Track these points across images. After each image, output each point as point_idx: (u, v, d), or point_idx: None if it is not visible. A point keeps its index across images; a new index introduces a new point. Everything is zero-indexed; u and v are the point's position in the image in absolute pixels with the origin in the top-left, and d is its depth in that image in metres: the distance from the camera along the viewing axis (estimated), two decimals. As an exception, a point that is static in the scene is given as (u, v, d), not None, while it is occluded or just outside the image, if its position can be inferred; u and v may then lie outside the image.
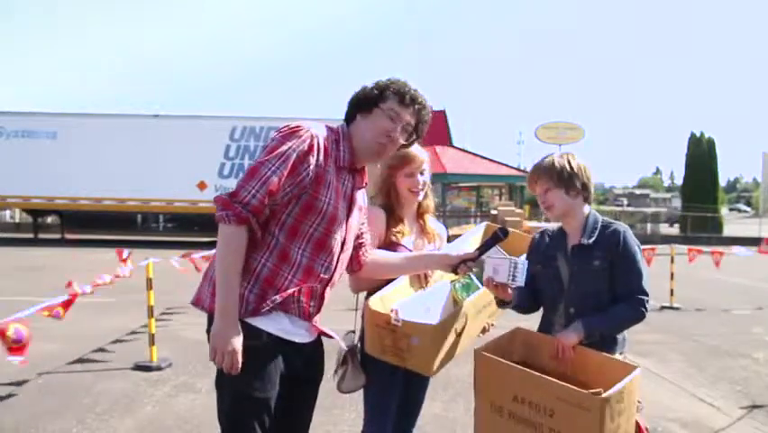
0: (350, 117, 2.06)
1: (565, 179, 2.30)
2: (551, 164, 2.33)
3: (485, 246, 2.23)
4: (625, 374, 2.01)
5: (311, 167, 1.89)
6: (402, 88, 2.02)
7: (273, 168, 1.84)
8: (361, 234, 2.23)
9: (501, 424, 2.08)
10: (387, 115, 2.00)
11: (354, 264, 2.24)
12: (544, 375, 2.01)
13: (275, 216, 1.90)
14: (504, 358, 2.14)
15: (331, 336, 2.15)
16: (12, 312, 3.77)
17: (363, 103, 2.02)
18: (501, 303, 2.36)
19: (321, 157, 1.91)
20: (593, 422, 1.88)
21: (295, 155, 1.86)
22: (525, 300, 2.39)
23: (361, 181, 2.11)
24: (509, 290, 2.21)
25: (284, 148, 1.86)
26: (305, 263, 1.94)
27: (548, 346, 2.25)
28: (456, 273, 2.26)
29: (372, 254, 2.30)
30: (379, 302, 2.23)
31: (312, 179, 1.90)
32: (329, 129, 2.01)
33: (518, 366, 2.09)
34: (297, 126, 1.92)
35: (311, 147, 1.89)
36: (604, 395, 1.89)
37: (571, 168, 2.31)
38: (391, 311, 2.19)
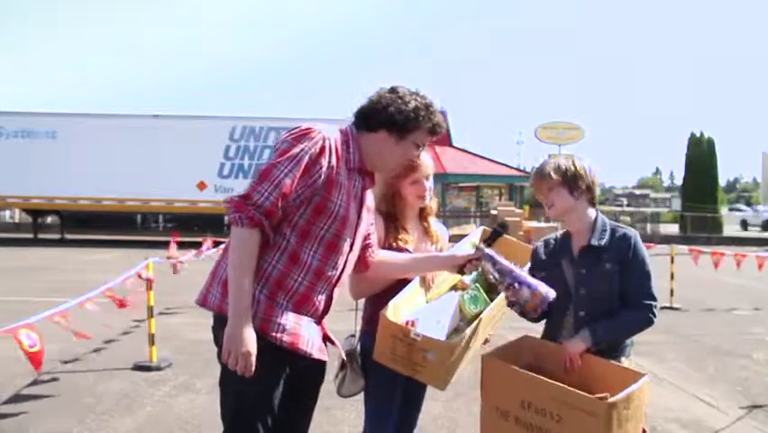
0: (372, 127, 2.02)
1: (569, 178, 2.28)
2: (555, 165, 2.31)
3: (487, 244, 2.24)
4: (632, 381, 2.01)
5: (323, 169, 1.89)
6: (435, 119, 2.03)
7: (286, 170, 1.84)
8: (369, 234, 2.23)
9: (506, 429, 2.08)
10: (415, 144, 2.05)
11: (361, 265, 2.24)
12: (551, 380, 2.01)
13: (287, 217, 1.90)
14: (511, 363, 2.14)
15: (334, 343, 2.16)
16: (10, 312, 3.77)
17: (398, 127, 2.00)
18: (511, 304, 2.36)
19: (333, 159, 1.92)
20: (600, 427, 1.88)
21: (307, 157, 1.86)
22: None
23: (370, 182, 2.12)
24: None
25: (296, 150, 1.86)
26: (315, 265, 1.94)
27: (556, 355, 2.24)
28: (462, 273, 2.26)
29: (379, 255, 2.30)
30: (392, 312, 2.23)
31: (324, 181, 1.90)
32: (340, 131, 2.01)
33: (526, 372, 2.08)
34: (309, 128, 1.92)
35: (323, 149, 1.89)
36: (610, 400, 1.89)
37: (576, 168, 2.29)
38: (407, 323, 2.19)
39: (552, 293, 2.10)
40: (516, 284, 2.10)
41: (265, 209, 1.82)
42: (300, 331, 1.93)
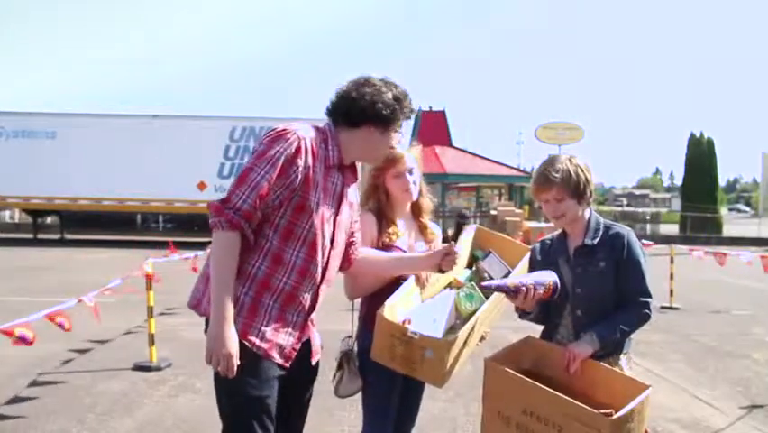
0: (356, 123, 2.03)
1: (581, 190, 2.26)
2: (567, 174, 2.24)
3: (453, 237, 2.26)
4: (634, 393, 1.99)
5: (299, 169, 1.91)
6: (410, 105, 2.08)
7: (262, 172, 1.86)
8: (353, 232, 2.23)
9: None
10: (396, 131, 2.08)
11: (344, 262, 2.24)
12: (555, 391, 1.99)
13: (268, 219, 1.92)
14: (514, 366, 2.14)
15: (311, 346, 2.11)
16: (11, 312, 3.77)
17: (384, 120, 2.02)
18: (522, 314, 2.35)
19: (309, 158, 1.93)
20: None
21: (283, 158, 1.88)
22: (543, 310, 2.35)
23: (351, 177, 2.13)
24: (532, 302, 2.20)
25: (272, 152, 1.88)
26: (299, 265, 1.95)
27: (559, 357, 2.22)
28: (442, 271, 2.26)
29: (362, 253, 2.31)
30: (389, 311, 2.23)
31: (302, 181, 1.92)
32: (316, 129, 2.03)
33: (530, 380, 2.07)
34: (284, 129, 1.94)
35: (298, 149, 1.91)
36: (615, 416, 1.87)
37: (587, 179, 2.27)
38: (404, 322, 2.19)
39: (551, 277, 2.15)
40: (524, 288, 2.12)
41: (244, 212, 1.84)
42: (277, 339, 1.94)
